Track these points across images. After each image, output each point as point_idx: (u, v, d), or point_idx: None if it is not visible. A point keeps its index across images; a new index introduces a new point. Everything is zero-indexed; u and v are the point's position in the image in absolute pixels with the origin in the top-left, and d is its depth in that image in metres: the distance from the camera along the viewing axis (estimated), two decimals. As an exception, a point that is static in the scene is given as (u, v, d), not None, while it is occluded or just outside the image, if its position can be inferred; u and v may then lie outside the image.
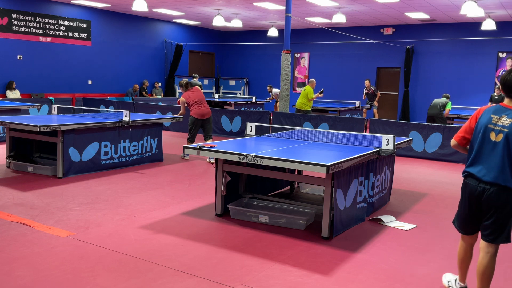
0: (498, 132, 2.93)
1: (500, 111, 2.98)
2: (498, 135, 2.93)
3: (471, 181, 3.05)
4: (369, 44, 17.44)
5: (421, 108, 16.75)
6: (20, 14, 13.62)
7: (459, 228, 3.22)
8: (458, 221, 3.23)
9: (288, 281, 3.54)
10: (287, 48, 11.54)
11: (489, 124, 2.98)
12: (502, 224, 2.97)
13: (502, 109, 2.98)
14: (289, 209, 5.17)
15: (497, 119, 2.95)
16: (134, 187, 6.39)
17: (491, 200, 2.95)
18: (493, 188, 2.93)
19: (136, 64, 17.29)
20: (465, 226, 3.18)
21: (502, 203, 2.94)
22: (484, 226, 3.05)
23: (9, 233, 4.37)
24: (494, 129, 2.95)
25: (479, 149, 3.01)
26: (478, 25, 15.03)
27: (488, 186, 2.95)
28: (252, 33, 20.39)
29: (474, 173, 3.02)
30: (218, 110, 12.59)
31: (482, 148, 3.00)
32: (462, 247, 3.25)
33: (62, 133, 6.68)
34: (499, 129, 2.93)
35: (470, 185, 3.05)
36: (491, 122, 2.98)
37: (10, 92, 13.24)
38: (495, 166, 2.93)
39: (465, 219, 3.15)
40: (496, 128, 2.94)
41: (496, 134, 2.94)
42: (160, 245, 4.19)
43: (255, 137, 6.00)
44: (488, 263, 3.02)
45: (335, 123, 10.63)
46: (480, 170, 2.99)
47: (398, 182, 7.21)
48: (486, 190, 2.95)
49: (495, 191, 2.93)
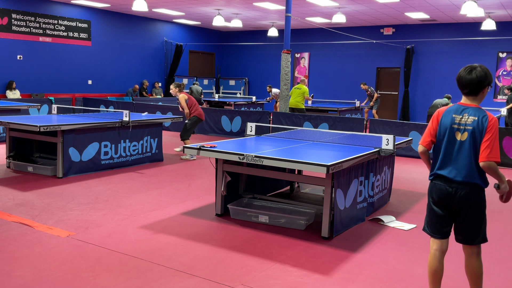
0: (463, 131, 2.93)
1: (460, 110, 2.98)
2: (463, 133, 2.93)
3: (441, 182, 3.01)
4: (369, 44, 17.43)
5: (421, 108, 16.76)
6: (20, 14, 13.62)
7: (432, 233, 3.10)
8: (429, 226, 3.12)
9: (288, 281, 3.54)
10: (287, 48, 11.54)
11: (453, 124, 2.97)
12: (476, 224, 2.96)
13: (462, 108, 2.98)
14: (289, 209, 5.17)
15: (460, 118, 2.95)
16: (134, 187, 6.39)
17: (463, 201, 2.93)
18: (466, 188, 2.92)
19: (136, 64, 17.29)
20: (438, 229, 3.07)
21: (473, 201, 2.93)
22: (459, 229, 3.02)
23: (9, 233, 4.37)
24: (459, 129, 2.95)
25: (446, 150, 2.99)
26: (478, 25, 15.03)
27: (461, 186, 2.93)
28: (252, 33, 20.39)
29: (444, 174, 2.98)
30: (218, 110, 12.59)
31: (449, 149, 2.98)
32: (434, 256, 3.08)
33: (62, 133, 6.68)
34: (463, 128, 2.93)
35: (440, 186, 3.01)
36: (454, 122, 2.97)
37: (10, 92, 13.24)
38: (464, 165, 2.92)
39: (437, 222, 3.07)
40: (460, 128, 2.94)
41: (461, 133, 2.94)
42: (160, 245, 4.19)
43: (255, 137, 6.00)
44: (474, 264, 3.00)
45: (335, 123, 10.64)
46: (450, 171, 2.96)
47: (398, 182, 7.21)
48: (458, 191, 2.93)
49: (468, 191, 2.92)
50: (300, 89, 12.42)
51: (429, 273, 3.11)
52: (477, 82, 2.92)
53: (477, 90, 2.95)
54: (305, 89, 12.35)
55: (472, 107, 2.96)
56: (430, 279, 3.12)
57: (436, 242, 3.08)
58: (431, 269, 3.09)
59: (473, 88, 2.95)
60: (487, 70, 2.96)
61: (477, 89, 2.95)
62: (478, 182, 2.92)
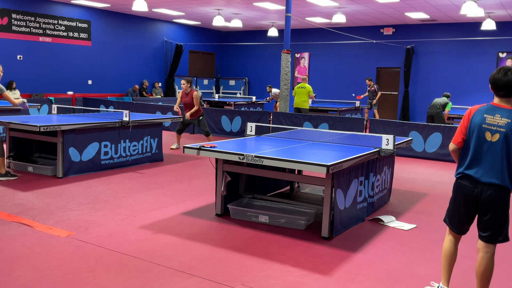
0: (494, 132, 2.92)
1: (493, 111, 2.97)
2: (494, 134, 2.92)
3: (467, 183, 3.03)
4: (369, 44, 17.43)
5: (421, 108, 16.75)
6: (20, 14, 13.62)
7: (452, 227, 3.20)
8: (450, 219, 3.21)
9: (288, 281, 3.54)
10: (287, 48, 11.54)
11: (483, 124, 2.97)
12: (500, 225, 2.99)
13: (495, 109, 2.98)
14: (289, 209, 5.17)
15: (491, 119, 2.95)
16: (134, 187, 6.39)
17: (489, 201, 2.94)
18: (491, 189, 2.93)
19: (136, 64, 17.29)
20: (459, 226, 3.17)
21: (499, 203, 2.95)
22: (483, 228, 3.04)
23: (9, 233, 4.37)
24: (489, 129, 2.94)
25: (475, 150, 3.00)
26: (478, 25, 15.03)
27: (486, 187, 2.94)
28: (252, 33, 20.39)
29: (471, 174, 3.00)
30: (218, 110, 12.59)
31: (478, 149, 2.99)
32: (450, 242, 3.22)
33: (62, 133, 6.68)
34: (495, 129, 2.92)
35: (466, 186, 3.03)
36: (485, 122, 2.97)
37: (10, 92, 13.23)
38: (493, 166, 2.92)
39: (460, 219, 3.15)
40: (492, 128, 2.94)
41: (492, 134, 2.93)
42: (160, 245, 4.19)
43: (255, 137, 6.00)
44: (487, 263, 3.03)
45: (335, 123, 10.64)
46: (477, 171, 2.98)
47: (398, 182, 7.21)
48: (484, 191, 2.95)
49: (493, 192, 2.93)
50: (304, 88, 12.50)
51: (443, 257, 3.23)
52: None
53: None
54: (309, 88, 12.53)
55: (506, 109, 2.95)
56: (443, 263, 3.23)
57: (452, 234, 3.22)
58: (445, 252, 3.21)
59: (509, 90, 2.94)
60: None
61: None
62: (505, 185, 2.93)
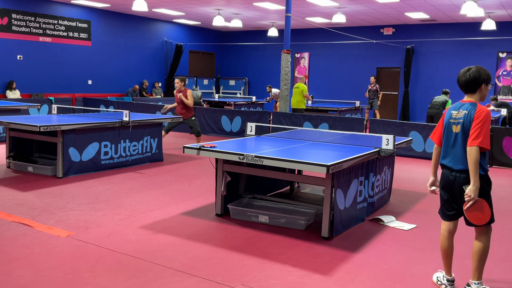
0: (457, 124, 3.31)
1: (458, 107, 3.35)
2: (457, 126, 3.31)
3: (445, 171, 3.40)
4: (369, 44, 17.43)
5: (421, 108, 16.76)
6: (20, 14, 13.63)
7: (442, 215, 3.50)
8: (440, 209, 3.53)
9: (288, 281, 3.54)
10: (287, 48, 11.54)
11: (451, 119, 3.36)
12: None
13: (460, 105, 3.36)
14: (289, 209, 5.17)
15: (456, 113, 3.32)
16: (134, 187, 6.39)
17: (460, 185, 3.26)
18: (462, 175, 3.26)
19: (136, 64, 17.29)
20: (444, 212, 3.46)
21: None
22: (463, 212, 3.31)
23: (9, 233, 4.37)
24: (454, 122, 3.33)
25: (446, 142, 3.39)
26: (478, 25, 15.03)
27: (458, 174, 3.28)
28: (252, 33, 20.39)
29: (445, 163, 3.38)
30: (218, 110, 12.59)
31: (448, 141, 3.37)
32: (443, 236, 3.47)
33: (62, 133, 6.68)
34: (457, 122, 3.31)
35: (444, 174, 3.39)
36: (451, 117, 3.36)
37: (10, 92, 13.24)
38: (459, 154, 3.28)
39: (443, 205, 3.46)
40: (455, 121, 3.32)
41: (456, 126, 3.32)
42: (160, 245, 4.19)
43: (255, 137, 6.00)
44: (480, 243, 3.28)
45: (335, 123, 10.64)
46: (450, 160, 3.35)
47: (398, 182, 7.21)
48: (457, 178, 3.29)
49: (464, 177, 3.25)
50: (298, 88, 12.49)
51: (441, 251, 3.50)
52: (470, 80, 3.30)
53: (472, 87, 3.32)
54: (303, 87, 12.46)
55: (468, 103, 3.31)
56: (442, 256, 3.51)
57: (444, 223, 3.48)
58: (442, 247, 3.48)
59: (468, 87, 3.33)
60: (481, 69, 3.33)
61: (472, 87, 3.32)
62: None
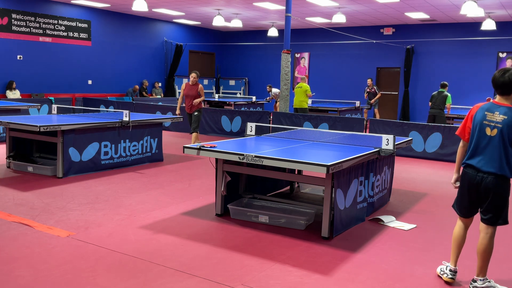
0: (493, 127, 3.31)
1: (493, 108, 3.35)
2: (493, 130, 3.31)
3: (470, 171, 3.42)
4: (369, 44, 17.43)
5: (421, 108, 16.75)
6: (20, 14, 13.62)
7: (459, 212, 3.59)
8: (457, 205, 3.61)
9: (288, 281, 3.54)
10: (287, 48, 11.54)
11: (484, 120, 3.36)
12: (500, 209, 3.36)
13: (494, 106, 3.35)
14: (289, 209, 5.17)
15: (491, 116, 3.33)
16: (134, 187, 6.39)
17: (489, 187, 3.32)
18: (490, 177, 3.32)
19: (136, 64, 17.29)
20: (464, 210, 3.55)
21: (498, 189, 3.33)
22: (484, 211, 3.41)
23: (9, 233, 4.37)
24: (489, 125, 3.33)
25: (477, 143, 3.39)
26: (478, 25, 15.03)
27: (486, 175, 3.33)
28: (252, 33, 20.39)
29: (473, 164, 3.39)
30: (218, 110, 12.59)
31: (479, 142, 3.38)
32: (459, 227, 3.58)
33: (62, 133, 6.68)
34: (493, 125, 3.31)
35: (469, 174, 3.42)
36: (485, 119, 3.35)
37: (10, 92, 13.24)
38: (491, 157, 3.31)
39: (464, 204, 3.53)
40: (491, 124, 3.32)
41: (491, 129, 3.32)
42: (160, 245, 4.19)
43: (255, 137, 6.00)
44: (487, 243, 3.38)
45: (335, 123, 10.64)
46: (479, 161, 3.37)
47: (398, 182, 7.21)
48: (484, 179, 3.34)
49: (492, 179, 3.31)
50: (301, 87, 12.49)
51: (453, 239, 3.60)
52: (508, 83, 3.29)
53: (509, 90, 3.31)
54: (306, 87, 12.47)
55: (504, 106, 3.32)
56: (453, 245, 3.60)
57: (461, 219, 3.59)
58: (455, 235, 3.59)
59: (505, 89, 3.31)
60: None
61: (509, 89, 3.30)
62: (504, 173, 3.30)
